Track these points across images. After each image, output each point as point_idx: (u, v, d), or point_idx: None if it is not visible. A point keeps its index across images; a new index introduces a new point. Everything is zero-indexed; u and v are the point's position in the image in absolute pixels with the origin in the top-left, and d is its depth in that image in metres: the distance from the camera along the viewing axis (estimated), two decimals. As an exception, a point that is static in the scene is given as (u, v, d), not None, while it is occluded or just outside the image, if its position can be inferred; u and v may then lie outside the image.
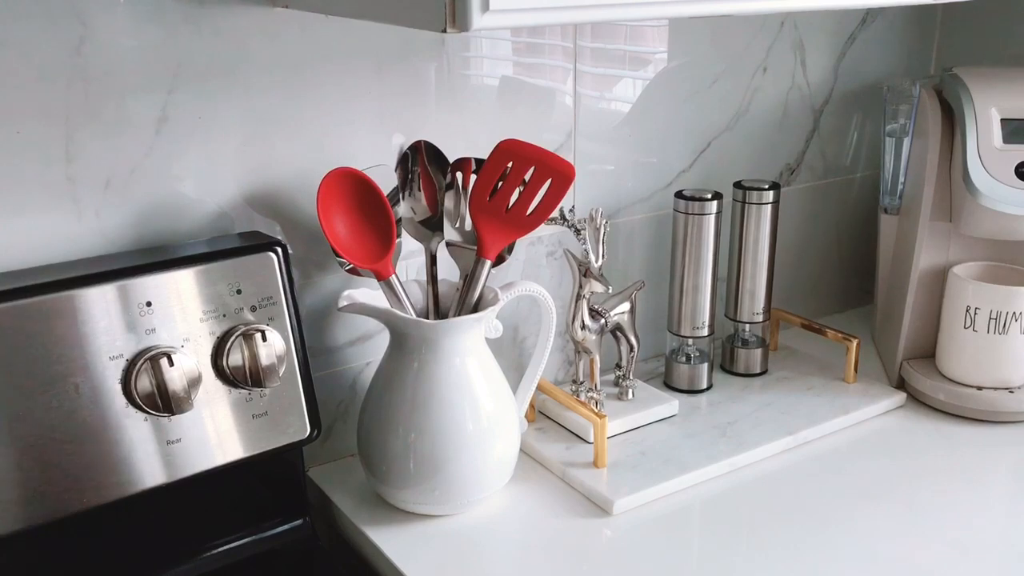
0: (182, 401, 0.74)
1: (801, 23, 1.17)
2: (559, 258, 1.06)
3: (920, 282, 1.09)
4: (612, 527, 0.87)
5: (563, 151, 1.02)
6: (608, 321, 1.00)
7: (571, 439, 0.99)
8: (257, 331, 0.77)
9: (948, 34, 1.30)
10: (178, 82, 0.79)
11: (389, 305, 0.84)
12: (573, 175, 0.83)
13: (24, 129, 0.74)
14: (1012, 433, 1.02)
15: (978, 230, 1.05)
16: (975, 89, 1.02)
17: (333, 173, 0.81)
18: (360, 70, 0.88)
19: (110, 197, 0.79)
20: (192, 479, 0.78)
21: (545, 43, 1.00)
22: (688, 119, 1.12)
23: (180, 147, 0.81)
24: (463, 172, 0.87)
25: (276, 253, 0.80)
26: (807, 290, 1.30)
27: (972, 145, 1.00)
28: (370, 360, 0.96)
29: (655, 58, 1.08)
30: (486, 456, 0.87)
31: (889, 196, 1.18)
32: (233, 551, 0.85)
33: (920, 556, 0.82)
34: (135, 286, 0.74)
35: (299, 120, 0.86)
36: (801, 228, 1.26)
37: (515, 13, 0.58)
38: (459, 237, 0.88)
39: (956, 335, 1.05)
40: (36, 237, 0.77)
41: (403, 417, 0.85)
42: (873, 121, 1.28)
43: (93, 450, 0.73)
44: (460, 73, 0.94)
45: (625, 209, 1.10)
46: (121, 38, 0.76)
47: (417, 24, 0.59)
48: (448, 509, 0.87)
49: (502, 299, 0.87)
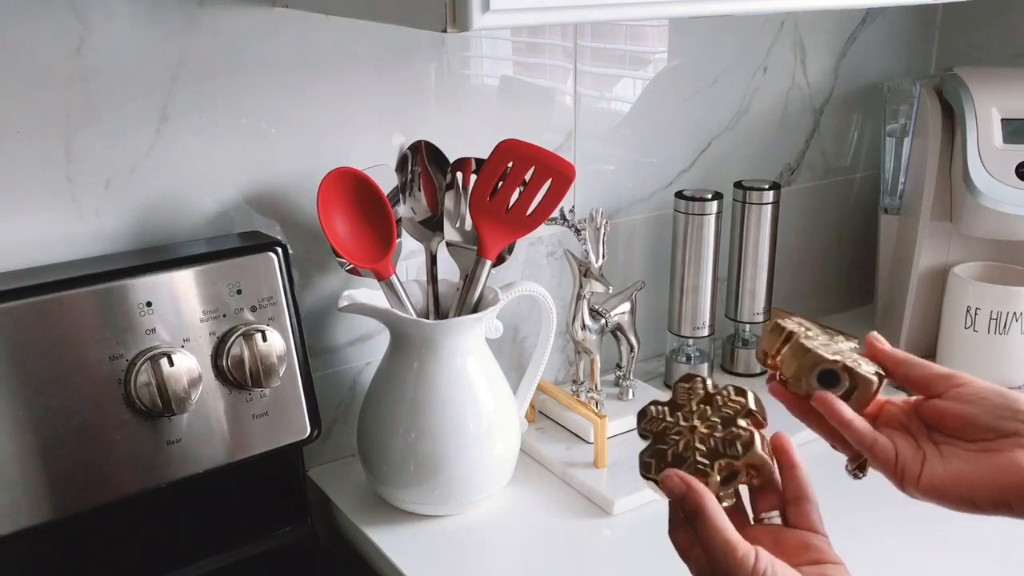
0: (182, 401, 0.74)
1: (801, 23, 1.16)
2: (559, 258, 1.06)
3: (920, 282, 1.09)
4: (612, 527, 0.87)
5: (563, 151, 1.02)
6: (608, 321, 1.00)
7: (571, 439, 0.99)
8: (257, 331, 0.77)
9: (948, 34, 1.30)
10: (178, 82, 0.79)
11: (389, 305, 0.84)
12: (573, 175, 0.83)
13: (24, 129, 0.74)
14: (1012, 433, 1.02)
15: (978, 230, 1.05)
16: (975, 89, 1.02)
17: (333, 173, 0.81)
18: (360, 70, 0.88)
19: (110, 197, 0.79)
20: (192, 479, 0.78)
21: (545, 43, 1.00)
22: (688, 119, 1.12)
23: (180, 147, 0.81)
24: (463, 172, 0.87)
25: (276, 253, 0.80)
26: (807, 290, 1.30)
27: (972, 145, 1.00)
28: (370, 360, 0.96)
29: (655, 58, 1.08)
30: (486, 456, 0.87)
31: (889, 196, 1.18)
32: (233, 551, 0.85)
33: (920, 557, 0.82)
34: (135, 286, 0.74)
35: (299, 120, 0.86)
36: (801, 228, 1.26)
37: (515, 13, 0.58)
38: (459, 237, 0.88)
39: (956, 335, 1.05)
40: (36, 237, 0.77)
41: (403, 417, 0.85)
42: (873, 121, 1.28)
43: (93, 450, 0.73)
44: (460, 73, 0.94)
45: (625, 209, 1.10)
46: (121, 38, 0.76)
47: (417, 24, 0.59)
48: (448, 509, 0.87)
49: (502, 299, 0.87)
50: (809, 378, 0.60)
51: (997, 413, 0.58)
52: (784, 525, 0.58)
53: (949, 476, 0.57)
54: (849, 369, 0.60)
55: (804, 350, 0.61)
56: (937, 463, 0.57)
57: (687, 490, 0.54)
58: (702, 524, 0.53)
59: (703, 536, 0.53)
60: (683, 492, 0.54)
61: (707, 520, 0.53)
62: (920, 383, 0.62)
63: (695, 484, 0.54)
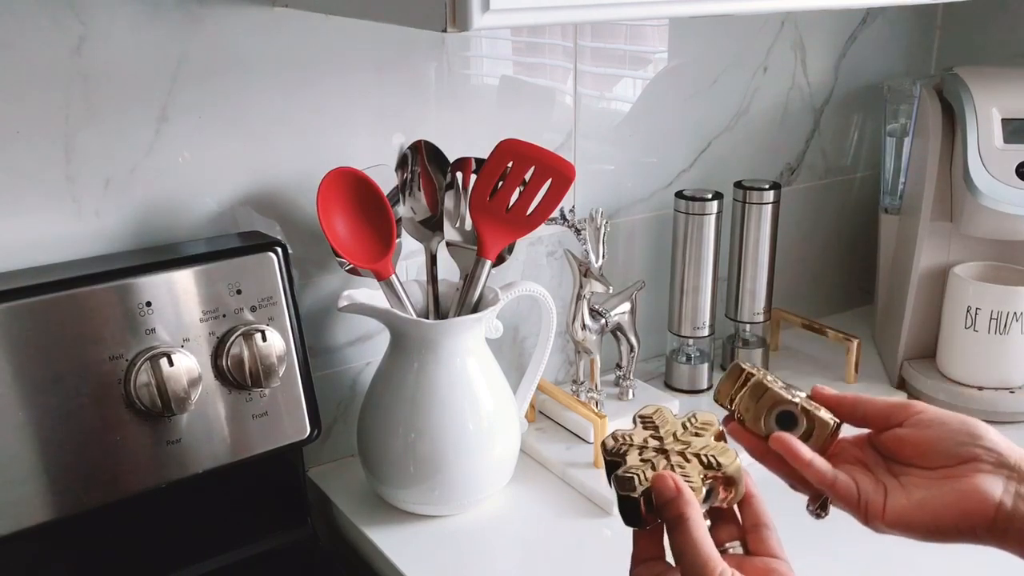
0: (182, 401, 0.74)
1: (801, 23, 1.16)
2: (559, 258, 1.06)
3: (921, 282, 1.09)
4: (612, 527, 0.87)
5: (563, 151, 1.02)
6: (608, 321, 1.00)
7: (571, 439, 0.99)
8: (257, 331, 0.77)
9: (948, 34, 1.30)
10: (178, 82, 0.79)
11: (389, 305, 0.84)
12: (573, 175, 0.83)
13: (24, 129, 0.74)
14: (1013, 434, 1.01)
15: (979, 230, 1.05)
16: (976, 89, 1.02)
17: (333, 173, 0.81)
18: (360, 70, 0.88)
19: (110, 197, 0.79)
20: (192, 479, 0.77)
21: (545, 42, 1.00)
22: (688, 119, 1.12)
23: (180, 147, 0.81)
24: (463, 172, 0.87)
25: (276, 253, 0.80)
26: (808, 290, 1.30)
27: (973, 145, 1.00)
28: (370, 360, 0.96)
29: (655, 58, 1.08)
30: (486, 456, 0.87)
31: (889, 196, 1.18)
32: (233, 551, 0.85)
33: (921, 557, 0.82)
34: (135, 286, 0.73)
35: (299, 120, 0.86)
36: (801, 228, 1.26)
37: (515, 13, 0.58)
38: (459, 237, 0.88)
39: (957, 335, 1.05)
40: (36, 237, 0.77)
41: (403, 417, 0.85)
42: (873, 121, 1.28)
43: (93, 450, 0.73)
44: (460, 73, 0.94)
45: (625, 209, 1.10)
46: (121, 38, 0.76)
47: (417, 24, 0.59)
48: (448, 509, 0.87)
49: (502, 299, 0.87)
50: (768, 418, 0.61)
51: (956, 439, 0.58)
52: (745, 553, 0.57)
53: (913, 506, 0.57)
54: (807, 411, 0.61)
55: (763, 388, 0.62)
56: (900, 494, 0.58)
57: (678, 495, 0.54)
58: (682, 532, 0.52)
59: (681, 545, 0.52)
60: (673, 496, 0.54)
61: (690, 530, 0.52)
62: (877, 417, 0.62)
63: (686, 491, 0.54)
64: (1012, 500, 0.55)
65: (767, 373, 0.64)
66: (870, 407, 0.62)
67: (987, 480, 0.56)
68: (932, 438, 0.58)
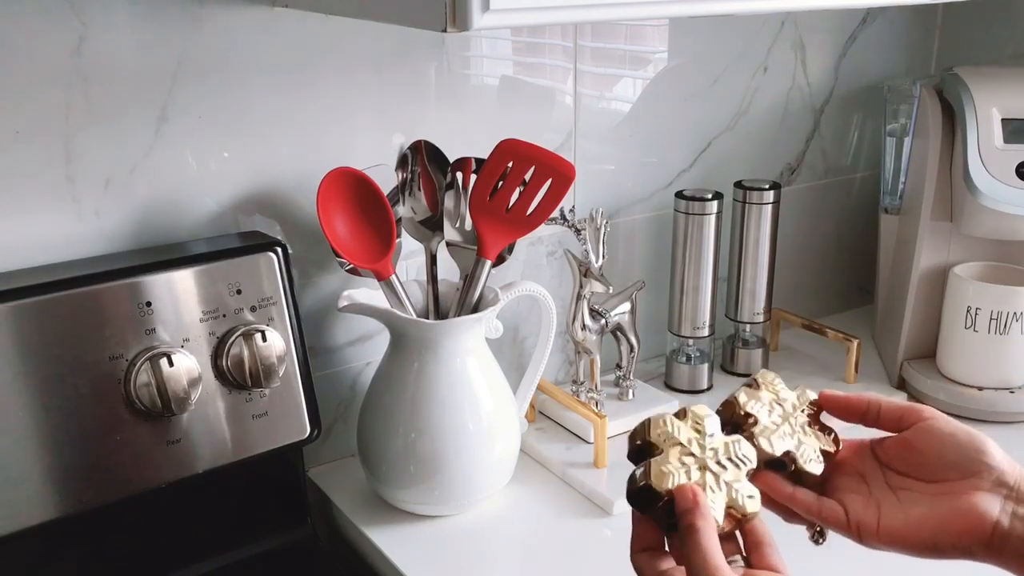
0: (182, 401, 0.74)
1: (801, 23, 1.16)
2: (559, 258, 1.06)
3: (921, 282, 1.09)
4: (612, 527, 0.87)
5: (563, 151, 1.02)
6: (608, 321, 1.00)
7: (571, 439, 0.99)
8: (257, 331, 0.77)
9: (948, 34, 1.30)
10: (178, 82, 0.79)
11: (389, 305, 0.84)
12: (573, 175, 0.83)
13: (24, 129, 0.74)
14: (1013, 433, 1.02)
15: (979, 230, 1.05)
16: (976, 89, 1.02)
17: (333, 173, 0.81)
18: (360, 70, 0.88)
19: (110, 197, 0.79)
20: (192, 479, 0.77)
21: (545, 43, 1.00)
22: (688, 119, 1.12)
23: (180, 147, 0.81)
24: (463, 172, 0.87)
25: (276, 253, 0.80)
26: (807, 290, 1.30)
27: (973, 145, 1.00)
28: (370, 360, 0.96)
29: (655, 58, 1.08)
30: (486, 456, 0.87)
31: (889, 196, 1.18)
32: (233, 551, 0.85)
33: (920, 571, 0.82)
34: (135, 286, 0.73)
35: (299, 120, 0.86)
36: (801, 228, 1.26)
37: (515, 13, 0.58)
38: (459, 237, 0.88)
39: (957, 335, 1.05)
40: (36, 237, 0.77)
41: (403, 417, 0.85)
42: (873, 121, 1.28)
43: (93, 450, 0.73)
44: (460, 73, 0.94)
45: (625, 209, 1.10)
46: (121, 38, 0.76)
47: (417, 24, 0.59)
48: (448, 509, 0.87)
49: (502, 299, 0.87)
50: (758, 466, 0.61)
51: (964, 452, 0.58)
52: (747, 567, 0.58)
53: (911, 523, 0.57)
54: (794, 459, 0.61)
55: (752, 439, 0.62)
56: (896, 511, 0.58)
57: (695, 507, 0.54)
58: (695, 542, 0.53)
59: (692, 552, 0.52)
60: (690, 507, 0.54)
61: (702, 540, 0.52)
62: (890, 419, 0.62)
63: (703, 502, 0.54)
64: (1009, 520, 0.55)
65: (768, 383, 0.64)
66: (883, 411, 0.62)
67: (985, 499, 0.56)
68: (940, 448, 0.58)
